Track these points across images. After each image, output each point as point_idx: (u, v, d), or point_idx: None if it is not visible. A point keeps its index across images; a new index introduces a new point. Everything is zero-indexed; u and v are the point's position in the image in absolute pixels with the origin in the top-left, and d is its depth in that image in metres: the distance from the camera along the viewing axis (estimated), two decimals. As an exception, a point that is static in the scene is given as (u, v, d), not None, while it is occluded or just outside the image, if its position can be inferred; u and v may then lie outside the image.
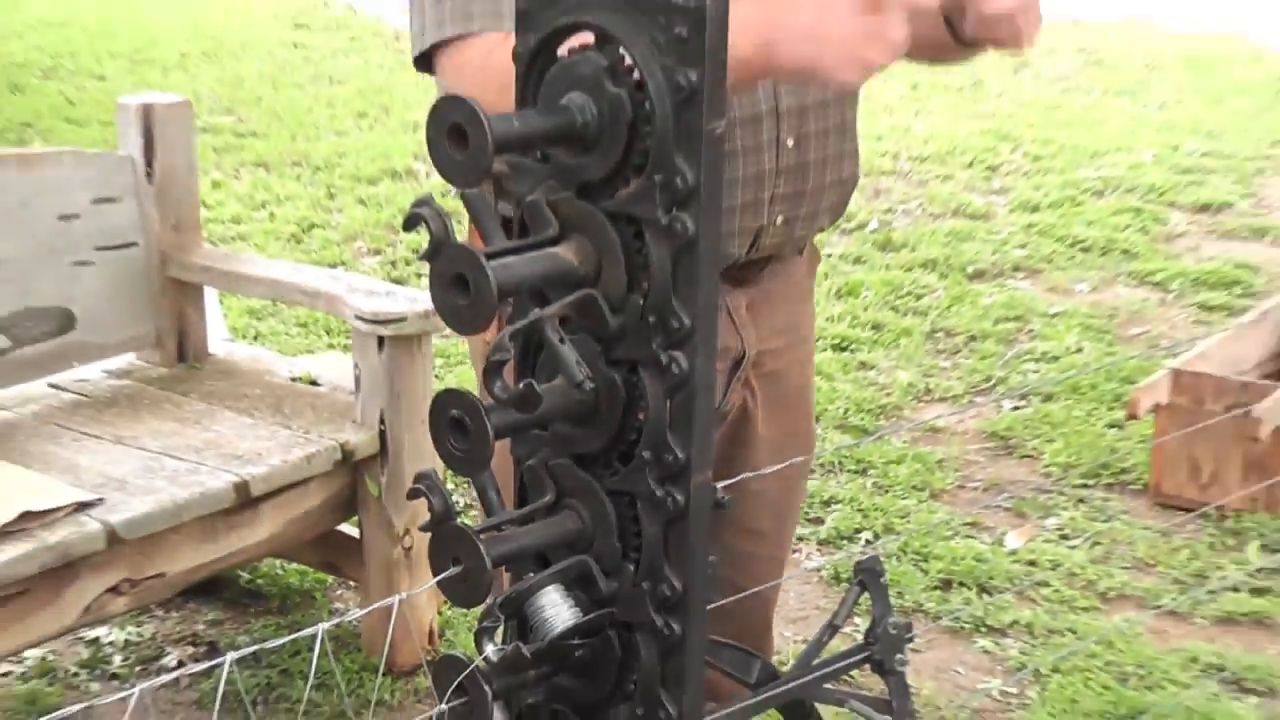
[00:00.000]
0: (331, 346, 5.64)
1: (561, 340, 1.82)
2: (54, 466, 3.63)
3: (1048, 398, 5.80)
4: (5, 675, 3.94)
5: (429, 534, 1.88)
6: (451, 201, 4.19)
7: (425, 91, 10.53)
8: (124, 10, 13.76)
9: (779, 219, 2.59)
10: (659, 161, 1.77)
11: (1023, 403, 5.77)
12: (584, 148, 1.80)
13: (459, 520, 1.86)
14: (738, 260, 2.59)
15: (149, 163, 4.15)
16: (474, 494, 1.93)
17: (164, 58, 11.84)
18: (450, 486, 1.96)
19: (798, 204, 2.60)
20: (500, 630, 1.94)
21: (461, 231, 1.81)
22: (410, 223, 1.79)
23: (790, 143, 2.54)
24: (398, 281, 4.94)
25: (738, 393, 2.72)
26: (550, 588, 1.90)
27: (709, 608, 2.12)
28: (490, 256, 1.77)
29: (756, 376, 2.73)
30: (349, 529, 4.00)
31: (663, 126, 1.76)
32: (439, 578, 1.86)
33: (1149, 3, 15.54)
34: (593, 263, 1.82)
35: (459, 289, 1.74)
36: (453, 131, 1.74)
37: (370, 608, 3.89)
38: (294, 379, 4.21)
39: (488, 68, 2.35)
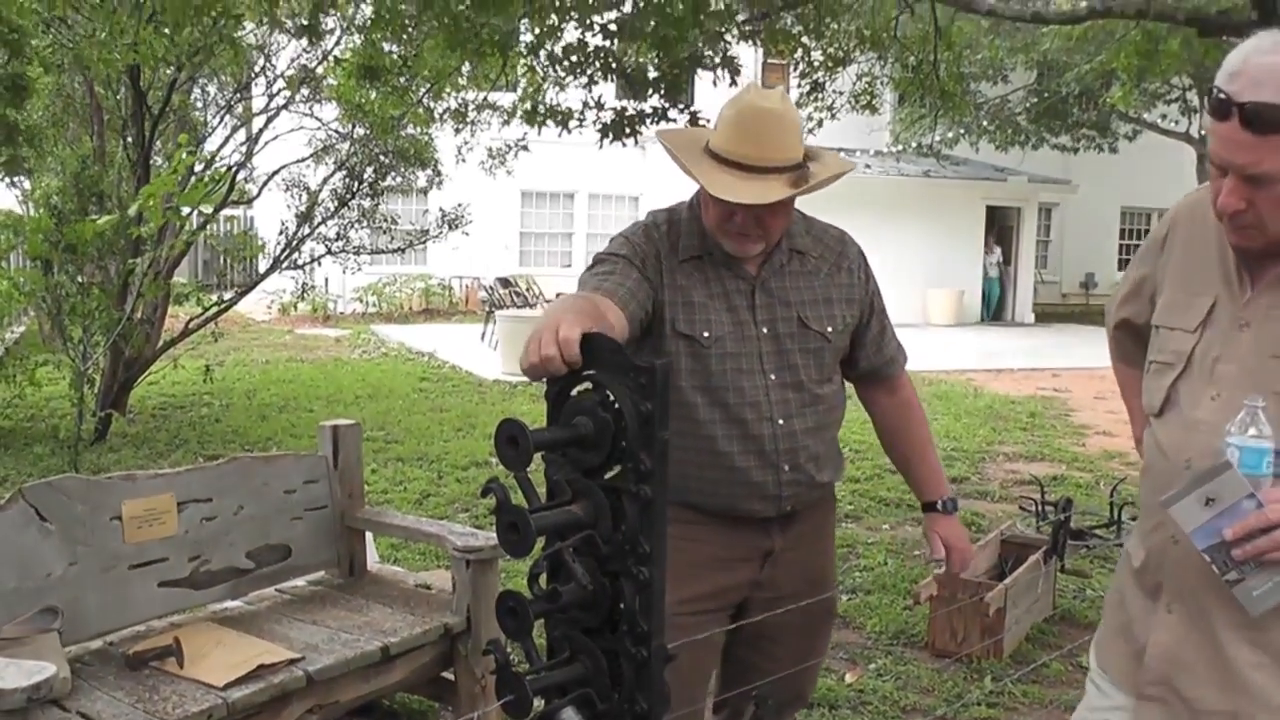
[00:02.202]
0: (439, 567, 5.58)
1: (574, 560, 1.84)
2: (277, 638, 3.59)
3: (869, 591, 5.74)
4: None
5: (495, 676, 1.86)
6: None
7: (496, 416, 10.63)
8: (324, 374, 13.94)
9: (788, 507, 2.62)
10: (630, 455, 1.81)
11: (854, 595, 5.72)
12: (586, 448, 1.83)
13: (513, 668, 1.85)
14: (771, 516, 2.62)
15: (335, 460, 4.17)
16: (522, 651, 1.91)
17: (346, 399, 11.93)
18: (508, 648, 1.94)
19: (798, 497, 2.63)
20: (538, 734, 1.92)
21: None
22: (484, 493, 1.82)
23: (787, 468, 2.58)
24: (478, 527, 4.89)
25: (768, 571, 2.67)
26: (567, 709, 1.88)
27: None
28: (531, 512, 1.79)
29: (785, 560, 2.68)
30: (448, 675, 3.92)
31: (633, 435, 1.80)
32: (501, 702, 1.85)
33: (915, 361, 15.75)
34: (592, 515, 1.84)
35: (513, 531, 1.76)
36: (509, 439, 1.78)
37: (461, 719, 3.84)
38: (417, 585, 4.16)
39: (568, 298, 2.35)
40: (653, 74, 8.40)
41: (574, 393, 1.89)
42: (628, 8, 7.84)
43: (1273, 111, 1.72)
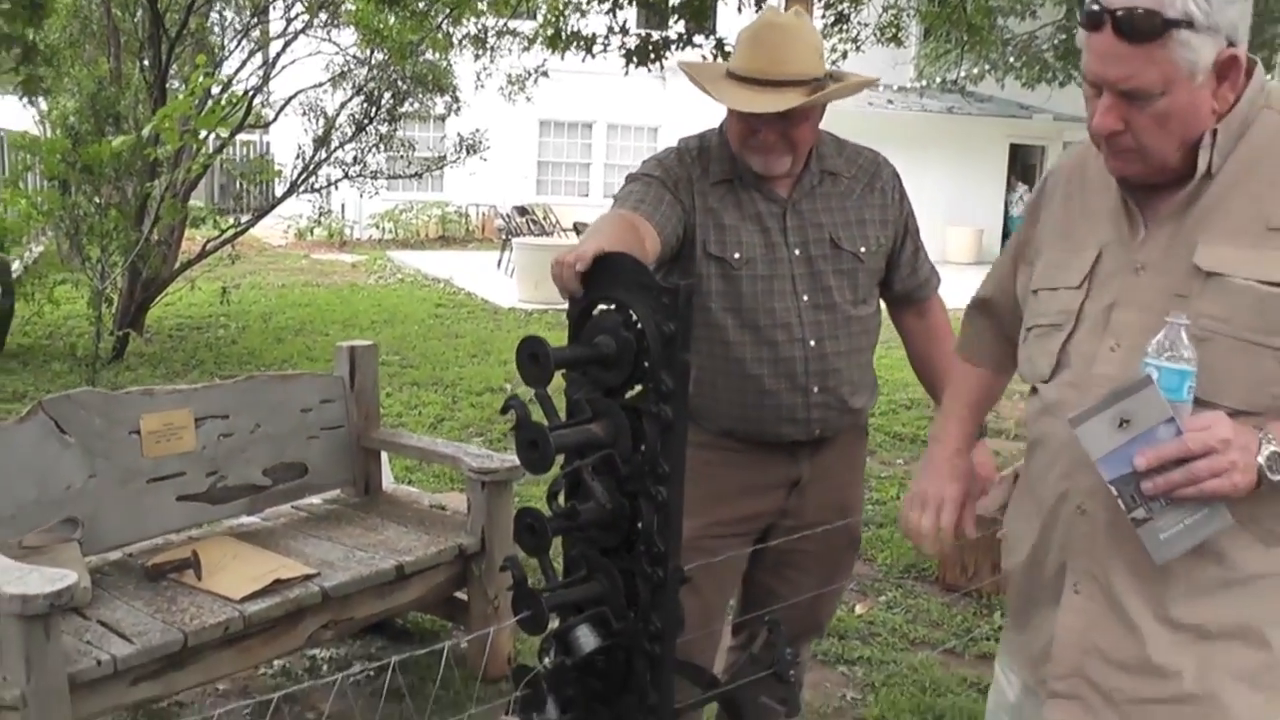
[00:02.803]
0: (453, 489, 5.62)
1: (592, 479, 1.85)
2: (294, 553, 3.64)
3: (880, 525, 5.77)
4: (260, 675, 3.90)
5: (511, 593, 1.88)
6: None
7: (512, 343, 10.68)
8: (340, 298, 13.93)
9: (817, 431, 2.63)
10: (652, 376, 1.81)
11: (866, 527, 5.72)
12: (607, 367, 1.84)
13: (529, 585, 1.87)
14: (801, 440, 2.64)
15: (351, 380, 4.19)
16: (539, 568, 1.92)
17: (362, 323, 11.95)
18: (525, 566, 1.95)
19: (827, 422, 2.64)
20: (552, 650, 1.94)
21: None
22: (504, 410, 1.83)
23: (816, 390, 2.59)
24: (494, 451, 4.92)
25: (794, 500, 2.70)
26: (583, 625, 1.90)
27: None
28: (551, 430, 1.80)
29: (811, 490, 2.71)
30: (461, 595, 3.97)
31: (655, 355, 1.80)
32: (517, 618, 1.87)
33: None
34: (612, 435, 1.85)
35: (533, 448, 1.77)
36: (531, 356, 1.79)
37: (473, 635, 3.87)
38: (432, 506, 4.21)
39: (608, 215, 2.41)
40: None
41: (596, 312, 1.89)
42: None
43: (1147, 18, 1.55)
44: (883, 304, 2.82)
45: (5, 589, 2.68)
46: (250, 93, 10.92)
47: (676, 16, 8.24)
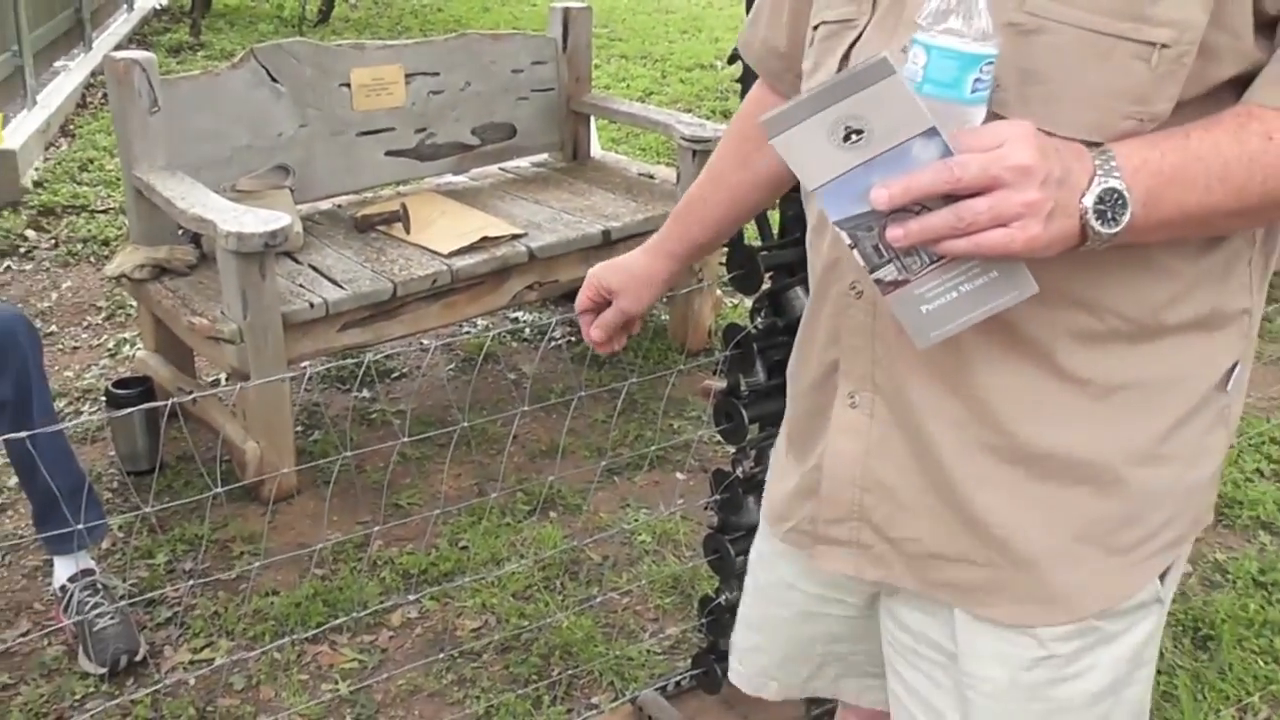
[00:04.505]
0: (659, 163, 5.61)
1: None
2: (501, 213, 3.69)
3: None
4: (465, 334, 4.04)
5: (724, 259, 1.87)
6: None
7: (725, 20, 10.42)
8: (548, -33, 13.71)
9: None
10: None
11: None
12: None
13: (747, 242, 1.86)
14: None
15: (564, 41, 4.15)
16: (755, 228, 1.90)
17: (570, -6, 11.79)
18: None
19: None
20: (764, 311, 1.94)
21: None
22: (732, 59, 1.77)
23: None
24: (704, 123, 4.86)
25: None
26: (798, 287, 1.89)
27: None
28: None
29: None
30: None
31: None
32: (732, 274, 1.86)
33: None
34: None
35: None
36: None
37: (683, 289, 3.88)
38: (640, 175, 4.20)
39: None
40: None
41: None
42: None
43: None
44: None
45: (223, 227, 2.79)
46: None
47: None
